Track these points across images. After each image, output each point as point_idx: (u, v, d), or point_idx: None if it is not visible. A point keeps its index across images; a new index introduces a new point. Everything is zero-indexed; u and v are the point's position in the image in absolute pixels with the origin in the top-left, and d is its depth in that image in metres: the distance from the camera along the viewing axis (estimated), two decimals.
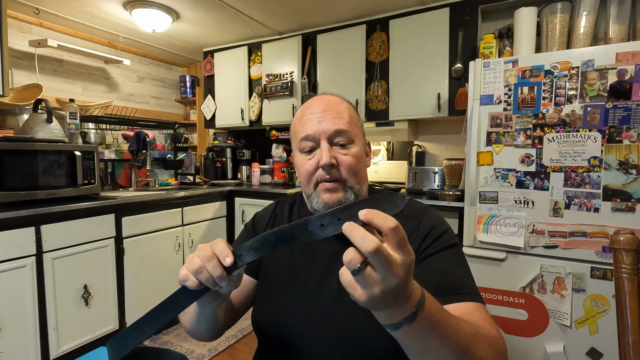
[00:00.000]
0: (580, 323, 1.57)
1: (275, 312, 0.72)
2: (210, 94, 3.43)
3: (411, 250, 0.38)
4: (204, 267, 0.48)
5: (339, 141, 0.71)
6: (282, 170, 3.14)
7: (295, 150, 0.76)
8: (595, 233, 1.53)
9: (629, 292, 0.77)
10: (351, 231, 0.37)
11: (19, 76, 2.61)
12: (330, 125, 0.70)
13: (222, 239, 0.51)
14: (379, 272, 0.36)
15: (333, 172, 0.69)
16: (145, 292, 2.27)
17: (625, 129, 1.47)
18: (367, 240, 0.36)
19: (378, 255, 0.35)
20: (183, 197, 2.52)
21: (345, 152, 0.71)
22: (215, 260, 0.48)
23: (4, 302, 1.63)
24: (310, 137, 0.71)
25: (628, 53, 1.45)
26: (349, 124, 0.72)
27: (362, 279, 0.37)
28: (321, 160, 0.69)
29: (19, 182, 1.77)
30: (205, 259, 0.48)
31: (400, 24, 2.47)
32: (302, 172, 0.73)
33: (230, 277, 0.49)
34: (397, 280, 0.37)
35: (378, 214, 0.37)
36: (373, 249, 0.35)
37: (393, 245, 0.37)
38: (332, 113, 0.72)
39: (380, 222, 0.37)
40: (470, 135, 1.77)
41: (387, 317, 0.41)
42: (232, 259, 0.48)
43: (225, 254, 0.48)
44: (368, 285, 0.37)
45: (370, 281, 0.37)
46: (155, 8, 2.48)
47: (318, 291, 0.70)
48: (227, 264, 0.48)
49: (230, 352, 2.14)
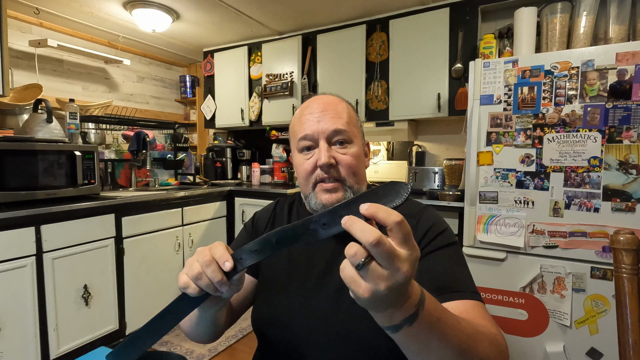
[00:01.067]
0: (580, 323, 1.57)
1: (275, 312, 0.72)
2: (210, 94, 3.43)
3: (416, 245, 0.37)
4: (203, 272, 0.47)
5: (337, 141, 0.71)
6: (282, 170, 3.14)
7: (294, 150, 0.76)
8: (595, 233, 1.53)
9: (629, 292, 0.77)
10: (351, 224, 0.36)
11: (19, 76, 2.61)
12: (329, 124, 0.70)
13: (221, 243, 0.49)
14: (385, 267, 0.35)
15: (332, 172, 0.69)
16: (145, 292, 2.27)
17: (625, 129, 1.47)
18: (367, 231, 0.34)
19: (380, 248, 0.34)
20: (183, 197, 2.52)
21: (344, 152, 0.71)
22: (215, 265, 0.47)
23: (4, 302, 1.63)
24: (308, 136, 0.71)
25: (628, 53, 1.45)
26: (347, 123, 0.72)
27: (367, 274, 0.35)
28: (319, 160, 0.69)
29: (19, 182, 1.77)
30: (204, 264, 0.47)
31: (400, 24, 2.47)
32: (301, 172, 0.73)
33: (231, 281, 0.48)
34: (403, 276, 0.35)
35: (381, 208, 0.36)
36: (374, 240, 0.33)
37: (398, 240, 0.35)
38: (331, 113, 0.71)
39: (384, 216, 0.35)
40: (470, 135, 1.77)
41: (387, 319, 0.39)
42: (232, 263, 0.46)
43: (224, 258, 0.46)
44: (373, 280, 0.35)
45: (376, 276, 0.35)
46: (155, 8, 2.48)
47: (318, 291, 0.70)
48: (227, 269, 0.46)
49: (230, 352, 2.14)
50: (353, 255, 0.35)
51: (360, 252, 0.35)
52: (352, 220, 0.36)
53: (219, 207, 2.84)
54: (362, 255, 0.35)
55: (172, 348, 2.15)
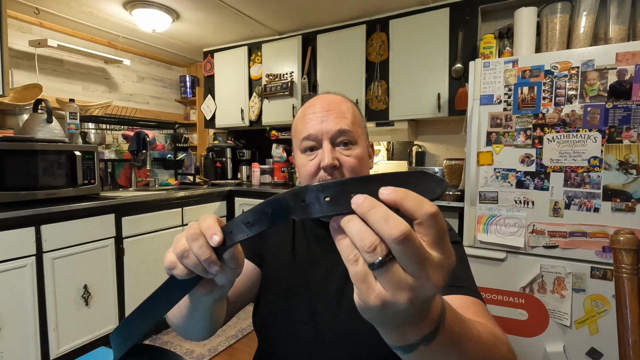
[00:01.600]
0: (580, 323, 1.57)
1: (277, 315, 0.71)
2: (210, 94, 3.43)
3: (452, 249, 0.29)
4: (190, 249, 0.39)
5: (341, 141, 0.69)
6: (282, 170, 3.14)
7: (296, 150, 0.74)
8: (595, 233, 1.53)
9: (629, 292, 0.77)
10: (368, 208, 0.27)
11: (19, 76, 2.61)
12: (333, 125, 0.68)
13: (212, 215, 0.41)
14: (410, 272, 0.26)
15: (335, 174, 0.67)
16: (145, 292, 2.27)
17: (625, 129, 1.47)
18: (392, 221, 0.26)
19: (407, 246, 0.25)
20: (183, 197, 2.52)
21: (348, 153, 0.69)
22: (203, 240, 0.38)
23: (4, 302, 1.63)
24: (312, 136, 0.69)
25: (628, 53, 1.45)
26: (352, 124, 0.70)
27: (385, 277, 0.27)
28: (323, 161, 0.66)
29: (19, 182, 1.77)
30: (190, 237, 0.39)
31: (400, 24, 2.47)
32: (303, 173, 0.71)
33: (224, 262, 0.39)
34: (433, 287, 0.27)
35: (410, 194, 0.27)
36: (400, 234, 0.25)
37: (430, 239, 0.27)
38: (335, 112, 0.70)
39: (414, 205, 0.27)
40: (470, 135, 1.77)
41: (398, 337, 0.32)
42: (221, 236, 0.38)
43: (212, 230, 0.38)
44: (391, 287, 0.27)
45: (396, 282, 0.26)
46: (155, 8, 2.48)
47: (321, 290, 0.70)
48: (215, 243, 0.38)
49: (230, 352, 2.14)
50: (370, 249, 0.26)
51: (381, 247, 0.26)
52: (370, 203, 0.27)
53: (219, 207, 2.84)
54: (383, 251, 0.26)
55: (172, 348, 2.15)
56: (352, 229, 0.28)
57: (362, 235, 0.27)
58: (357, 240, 0.27)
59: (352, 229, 0.28)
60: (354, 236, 0.27)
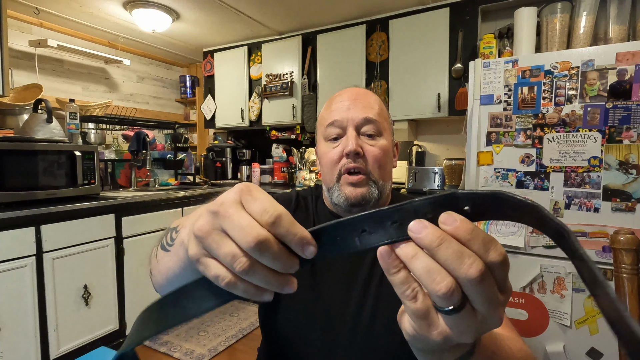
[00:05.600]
0: (581, 323, 1.57)
1: (294, 321, 0.67)
2: (210, 94, 3.43)
3: (511, 286, 0.27)
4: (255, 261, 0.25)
5: (366, 131, 0.67)
6: (282, 170, 3.14)
7: (320, 139, 0.72)
8: (595, 233, 1.53)
9: (629, 292, 0.77)
10: (439, 242, 0.23)
11: (19, 76, 2.61)
12: (360, 113, 0.67)
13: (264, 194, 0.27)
14: (482, 313, 0.24)
15: (358, 162, 0.65)
16: (145, 292, 2.27)
17: (625, 129, 1.47)
18: (467, 259, 0.23)
19: (484, 287, 0.23)
20: (183, 197, 2.52)
21: (373, 143, 0.67)
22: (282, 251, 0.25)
23: (4, 302, 1.63)
24: (337, 122, 0.67)
25: (628, 53, 1.45)
26: (378, 114, 0.69)
27: (454, 319, 0.24)
28: (347, 147, 0.64)
29: (19, 182, 1.77)
30: (258, 245, 0.24)
31: (400, 24, 2.47)
32: (326, 161, 0.68)
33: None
34: (497, 325, 0.25)
35: (478, 235, 0.24)
36: (479, 275, 0.23)
37: (498, 280, 0.25)
38: (363, 102, 0.69)
39: (479, 250, 0.23)
40: (470, 135, 1.76)
41: (433, 359, 0.30)
42: (315, 247, 0.26)
43: (305, 239, 0.25)
44: (459, 329, 0.25)
45: (466, 325, 0.24)
46: (155, 8, 2.48)
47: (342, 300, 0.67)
48: (308, 256, 0.26)
49: (230, 352, 2.14)
50: (445, 295, 0.23)
51: (457, 291, 0.23)
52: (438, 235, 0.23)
53: None
54: (458, 295, 0.23)
55: (173, 348, 2.15)
56: (418, 267, 0.24)
57: (433, 277, 0.23)
58: (427, 281, 0.24)
59: (419, 266, 0.24)
60: (422, 275, 0.24)
